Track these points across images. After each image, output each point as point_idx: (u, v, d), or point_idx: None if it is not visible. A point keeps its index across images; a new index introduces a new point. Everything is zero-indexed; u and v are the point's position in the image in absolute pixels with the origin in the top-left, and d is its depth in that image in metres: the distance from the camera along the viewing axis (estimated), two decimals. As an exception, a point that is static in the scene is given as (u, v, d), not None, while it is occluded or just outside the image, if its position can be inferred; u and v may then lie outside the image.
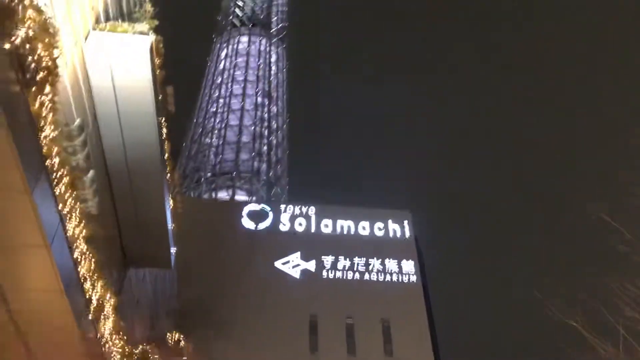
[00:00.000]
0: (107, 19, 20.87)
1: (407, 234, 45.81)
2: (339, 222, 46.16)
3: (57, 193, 12.99)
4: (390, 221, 46.35)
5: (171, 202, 23.72)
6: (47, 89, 12.10)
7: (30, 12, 10.90)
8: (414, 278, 42.35)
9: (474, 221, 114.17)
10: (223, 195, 58.01)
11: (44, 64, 11.51)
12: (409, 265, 43.03)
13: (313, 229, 45.63)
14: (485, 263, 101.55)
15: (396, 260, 43.32)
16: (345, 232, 45.96)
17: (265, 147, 64.43)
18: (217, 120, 65.99)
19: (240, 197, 58.04)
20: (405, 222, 46.61)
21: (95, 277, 15.71)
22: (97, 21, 19.75)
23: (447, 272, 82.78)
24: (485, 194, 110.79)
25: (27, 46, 10.90)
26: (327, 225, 45.94)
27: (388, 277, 42.23)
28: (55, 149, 12.80)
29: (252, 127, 65.07)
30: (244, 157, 62.28)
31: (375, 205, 49.62)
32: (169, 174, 22.82)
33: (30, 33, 10.84)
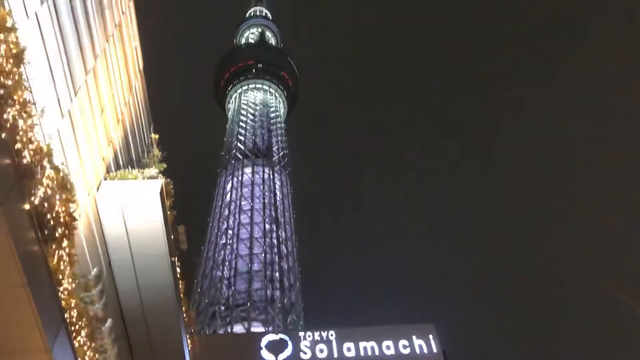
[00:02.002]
0: (118, 168, 21.70)
1: (434, 349, 43.87)
2: (362, 344, 44.32)
3: (76, 346, 12.72)
4: (414, 337, 44.48)
5: (189, 342, 23.09)
6: (65, 242, 12.30)
7: (48, 171, 11.37)
8: (446, 394, 39.89)
9: (499, 327, 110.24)
10: (239, 328, 56.50)
11: (61, 219, 11.79)
12: (440, 382, 40.73)
13: (335, 354, 43.71)
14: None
15: (426, 378, 41.09)
16: (369, 354, 43.94)
17: (277, 274, 63.86)
18: (227, 252, 66.01)
19: (256, 328, 56.48)
20: (431, 336, 44.81)
21: None
22: (108, 170, 20.51)
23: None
24: (507, 300, 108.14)
25: (46, 204, 11.25)
26: (349, 349, 44.07)
27: (419, 397, 39.82)
28: (73, 302, 12.75)
29: (263, 255, 64.92)
30: (257, 286, 61.49)
31: (397, 318, 48.12)
32: (184, 314, 22.44)
33: (49, 191, 11.22)
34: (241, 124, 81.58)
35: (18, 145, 10.44)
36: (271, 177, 75.64)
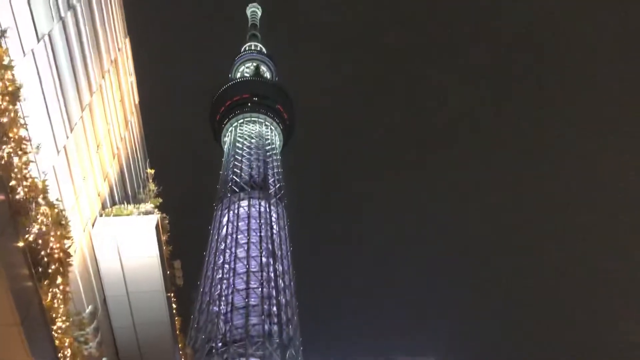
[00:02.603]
0: (113, 203, 21.59)
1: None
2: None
3: (69, 388, 12.40)
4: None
5: (185, 380, 22.64)
6: (59, 279, 12.11)
7: (43, 208, 11.27)
8: None
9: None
10: (237, 365, 55.55)
11: (56, 256, 11.64)
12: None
13: (335, 390, 43.00)
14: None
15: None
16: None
17: (274, 308, 63.05)
18: (224, 287, 65.29)
19: (255, 364, 55.53)
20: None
21: None
22: (104, 206, 20.39)
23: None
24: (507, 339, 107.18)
25: (40, 241, 11.11)
26: (349, 385, 43.37)
27: None
28: (67, 341, 12.48)
29: (260, 289, 64.23)
30: (254, 321, 60.65)
31: (399, 351, 47.57)
32: (181, 351, 22.05)
33: (43, 228, 11.11)
34: (237, 156, 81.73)
35: (13, 182, 10.37)
36: (267, 209, 75.41)
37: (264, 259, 68.35)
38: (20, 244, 10.42)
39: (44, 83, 14.82)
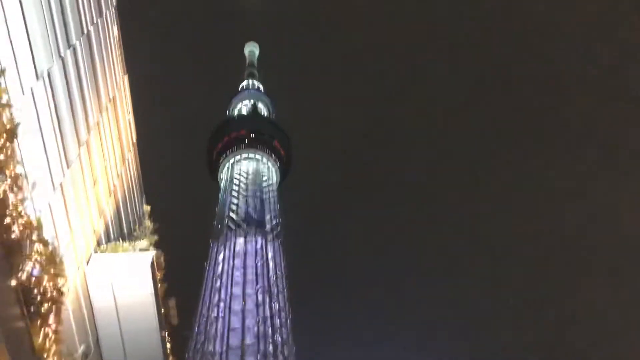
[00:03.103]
0: (109, 240, 21.43)
1: None
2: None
3: None
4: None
5: (179, 423, 22.05)
6: (51, 319, 11.91)
7: (37, 246, 11.16)
8: None
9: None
10: (231, 406, 54.22)
11: (49, 294, 11.47)
12: None
13: None
14: None
15: None
16: None
17: (270, 347, 62.01)
18: (219, 326, 64.32)
19: (250, 405, 54.22)
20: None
21: None
22: (99, 243, 20.23)
23: None
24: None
25: (33, 279, 10.96)
26: None
27: None
28: (59, 383, 12.19)
29: (256, 328, 63.28)
30: (250, 361, 59.52)
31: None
32: (175, 392, 21.56)
33: (37, 266, 10.97)
34: (233, 193, 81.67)
35: (7, 220, 10.30)
36: (264, 246, 74.96)
37: (259, 297, 67.59)
38: (13, 282, 10.28)
39: (42, 120, 14.86)
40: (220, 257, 73.82)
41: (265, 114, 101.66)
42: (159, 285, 20.21)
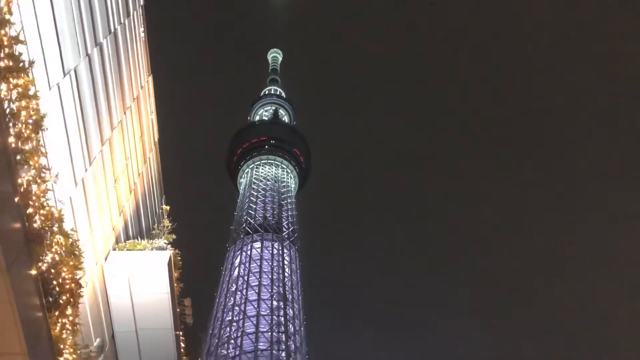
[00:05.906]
0: (127, 237, 21.64)
1: None
2: None
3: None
4: None
5: (190, 423, 22.10)
6: (69, 310, 12.02)
7: (58, 237, 11.30)
8: None
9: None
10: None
11: (67, 286, 11.59)
12: None
13: None
14: None
15: None
16: None
17: (283, 353, 61.90)
18: (233, 329, 64.42)
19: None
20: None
21: None
22: (118, 240, 20.43)
23: None
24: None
25: (53, 270, 11.09)
26: None
27: None
28: (73, 374, 12.28)
29: (269, 333, 63.24)
30: (262, 366, 59.46)
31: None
32: (187, 392, 21.62)
33: (57, 257, 11.11)
34: (252, 198, 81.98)
35: (30, 210, 10.44)
36: (280, 252, 75.03)
37: (274, 303, 67.57)
38: (33, 272, 10.41)
39: (67, 116, 15.12)
40: (237, 261, 74.08)
41: (287, 120, 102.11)
42: (175, 284, 20.34)
